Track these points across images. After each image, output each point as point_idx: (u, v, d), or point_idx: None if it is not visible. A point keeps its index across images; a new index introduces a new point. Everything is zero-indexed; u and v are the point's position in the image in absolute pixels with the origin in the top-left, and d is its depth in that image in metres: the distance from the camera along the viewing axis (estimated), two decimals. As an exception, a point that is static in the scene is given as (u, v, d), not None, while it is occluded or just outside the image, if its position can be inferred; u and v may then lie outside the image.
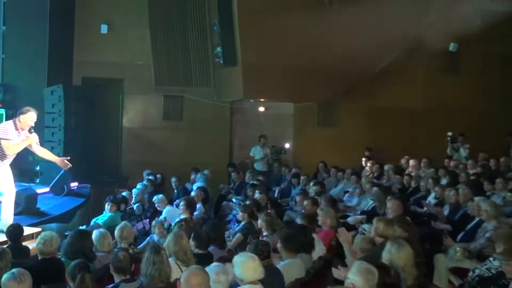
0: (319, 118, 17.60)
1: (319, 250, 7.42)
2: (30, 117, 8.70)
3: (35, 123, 8.91)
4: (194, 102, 17.28)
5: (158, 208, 10.83)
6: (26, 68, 15.67)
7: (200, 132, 17.38)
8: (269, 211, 9.15)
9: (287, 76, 15.56)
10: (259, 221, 8.61)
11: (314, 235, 7.52)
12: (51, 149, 14.06)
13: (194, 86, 17.21)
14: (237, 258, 5.47)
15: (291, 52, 15.11)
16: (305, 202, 9.85)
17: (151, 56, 16.96)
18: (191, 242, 6.94)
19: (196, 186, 13.17)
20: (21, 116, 8.68)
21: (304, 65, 15.40)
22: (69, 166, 9.19)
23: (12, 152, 8.70)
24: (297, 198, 10.79)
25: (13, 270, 5.13)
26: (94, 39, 16.88)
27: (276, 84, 15.72)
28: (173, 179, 14.02)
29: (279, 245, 6.69)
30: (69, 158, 9.25)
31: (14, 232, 7.40)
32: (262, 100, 17.37)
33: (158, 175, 14.84)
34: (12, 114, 14.92)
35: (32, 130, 8.88)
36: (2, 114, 14.72)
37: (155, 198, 11.18)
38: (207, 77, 17.15)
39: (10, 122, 8.76)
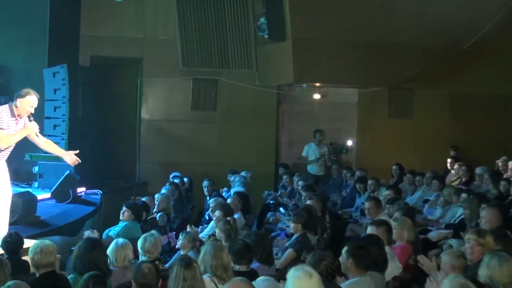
0: (391, 108, 17.55)
1: (394, 268, 7.36)
2: (29, 101, 8.79)
3: (35, 110, 9.03)
4: (231, 88, 17.37)
5: (211, 215, 10.86)
6: (22, 44, 15.83)
7: (239, 125, 17.48)
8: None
9: (350, 54, 15.56)
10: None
11: (387, 249, 7.48)
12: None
13: (231, 67, 17.25)
14: (291, 272, 5.47)
15: (356, 24, 15.08)
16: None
17: (177, 29, 17.04)
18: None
19: (233, 191, 13.23)
20: (18, 100, 8.76)
21: (372, 40, 15.40)
22: (77, 162, 9.30)
23: (4, 144, 8.75)
24: (367, 204, 10.73)
25: (9, 283, 5.23)
26: (106, 8, 17.08)
27: (335, 64, 15.73)
28: (205, 183, 14.09)
29: (347, 259, 6.65)
30: (77, 151, 9.35)
31: (13, 243, 7.51)
32: (317, 84, 17.36)
33: (185, 179, 14.93)
34: (4, 101, 15.20)
35: (32, 118, 8.98)
36: (-7, 101, 14.98)
37: (211, 200, 11.20)
38: (247, 56, 17.17)
39: (6, 107, 8.84)
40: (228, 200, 11.76)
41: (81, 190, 14.00)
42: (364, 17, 15.08)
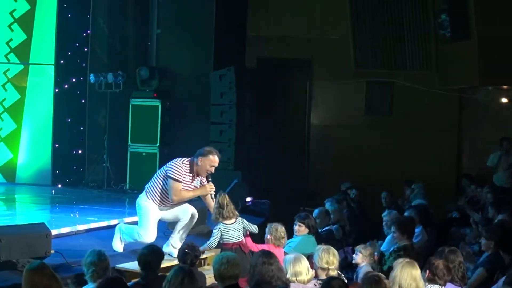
0: None
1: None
2: (211, 161, 9.27)
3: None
4: (409, 91, 17.30)
5: (385, 227, 10.93)
6: (186, 47, 16.36)
7: (417, 131, 17.39)
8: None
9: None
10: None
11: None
12: (219, 152, 14.78)
13: (409, 68, 17.19)
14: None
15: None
16: None
17: (349, 28, 17.14)
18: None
19: (414, 203, 13.20)
20: (200, 158, 9.25)
21: None
22: None
23: (177, 198, 9.31)
24: None
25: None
26: (272, 7, 17.49)
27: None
28: (383, 195, 14.12)
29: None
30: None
31: (192, 254, 7.87)
32: (505, 87, 17.01)
33: (357, 190, 14.98)
34: (169, 106, 15.83)
35: (210, 179, 9.46)
36: (158, 105, 15.58)
37: (385, 213, 11.30)
38: (426, 56, 17.05)
39: (186, 161, 9.36)
40: (406, 213, 11.75)
41: (248, 199, 14.29)
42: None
